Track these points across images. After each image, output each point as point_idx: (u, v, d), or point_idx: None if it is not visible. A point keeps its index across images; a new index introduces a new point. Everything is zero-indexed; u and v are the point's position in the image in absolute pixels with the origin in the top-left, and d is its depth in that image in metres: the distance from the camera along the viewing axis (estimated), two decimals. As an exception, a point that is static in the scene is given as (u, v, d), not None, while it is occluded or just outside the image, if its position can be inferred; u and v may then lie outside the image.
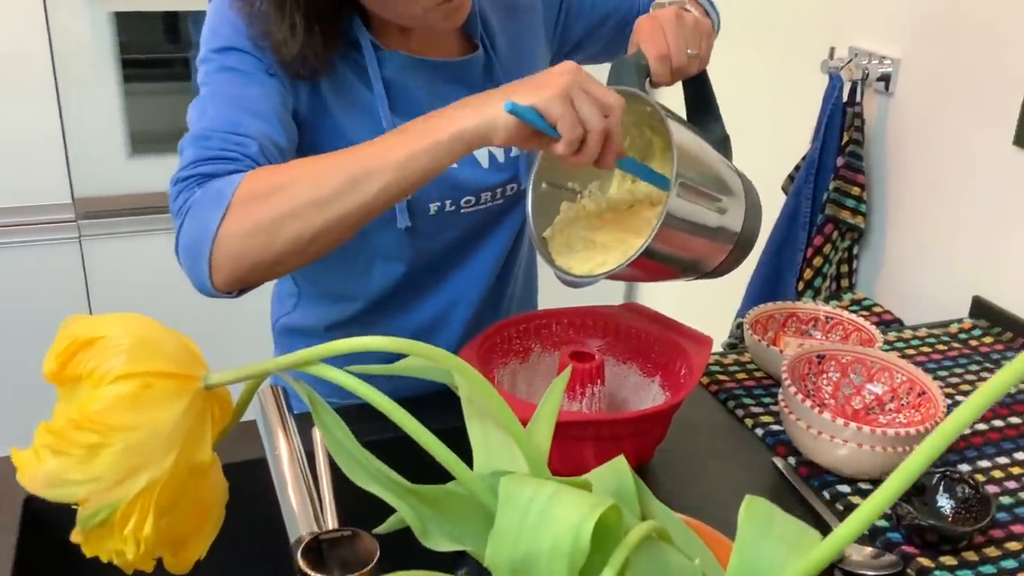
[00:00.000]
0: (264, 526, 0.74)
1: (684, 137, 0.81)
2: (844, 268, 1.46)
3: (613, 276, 0.82)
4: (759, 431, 0.98)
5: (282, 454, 0.61)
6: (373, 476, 0.40)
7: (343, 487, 0.51)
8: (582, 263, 0.85)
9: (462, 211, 0.99)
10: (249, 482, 0.64)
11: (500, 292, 1.11)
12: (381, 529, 0.45)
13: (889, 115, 1.42)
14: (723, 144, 0.91)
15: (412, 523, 0.40)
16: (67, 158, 1.85)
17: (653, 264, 0.83)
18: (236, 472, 0.68)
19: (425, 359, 0.43)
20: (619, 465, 0.45)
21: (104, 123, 1.87)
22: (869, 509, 0.30)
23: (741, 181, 0.89)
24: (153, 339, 0.44)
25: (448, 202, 0.97)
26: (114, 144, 1.89)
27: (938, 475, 0.84)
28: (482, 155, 0.99)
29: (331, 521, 0.59)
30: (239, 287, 0.79)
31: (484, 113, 0.74)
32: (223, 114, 0.81)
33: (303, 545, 0.55)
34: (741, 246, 0.88)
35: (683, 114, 0.92)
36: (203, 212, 0.76)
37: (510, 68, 1.00)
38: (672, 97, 0.95)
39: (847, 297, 1.30)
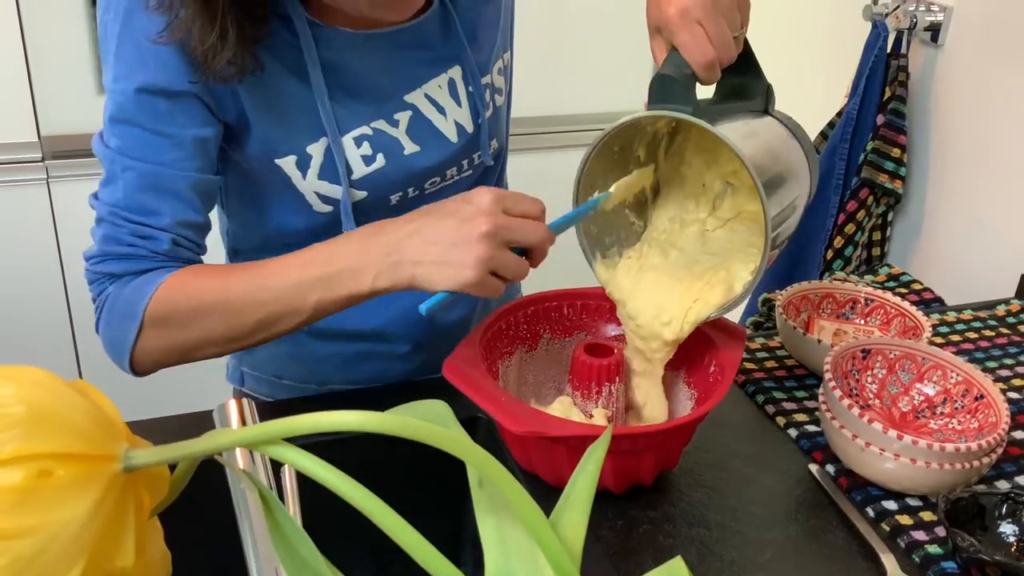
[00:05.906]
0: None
1: (763, 164, 0.73)
2: (876, 236, 1.34)
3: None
4: (792, 431, 0.87)
5: (248, 497, 0.50)
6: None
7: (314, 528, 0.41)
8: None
9: (427, 193, 0.88)
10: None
11: None
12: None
13: (937, 69, 1.28)
14: (767, 99, 0.82)
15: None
16: (32, 93, 1.70)
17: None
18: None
19: (416, 436, 0.32)
20: (677, 571, 0.35)
21: (72, 55, 1.72)
22: None
23: (798, 142, 0.81)
24: (55, 406, 0.33)
25: (411, 189, 0.86)
26: (83, 78, 1.73)
27: (1000, 497, 0.74)
28: (449, 128, 0.87)
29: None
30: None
31: (399, 275, 0.71)
32: (135, 198, 0.77)
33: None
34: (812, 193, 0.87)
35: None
36: (118, 322, 0.77)
37: (468, 15, 0.86)
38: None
39: (883, 271, 1.19)
